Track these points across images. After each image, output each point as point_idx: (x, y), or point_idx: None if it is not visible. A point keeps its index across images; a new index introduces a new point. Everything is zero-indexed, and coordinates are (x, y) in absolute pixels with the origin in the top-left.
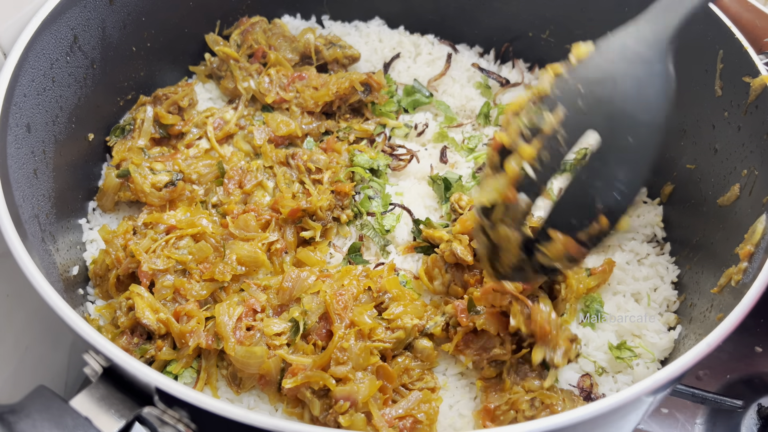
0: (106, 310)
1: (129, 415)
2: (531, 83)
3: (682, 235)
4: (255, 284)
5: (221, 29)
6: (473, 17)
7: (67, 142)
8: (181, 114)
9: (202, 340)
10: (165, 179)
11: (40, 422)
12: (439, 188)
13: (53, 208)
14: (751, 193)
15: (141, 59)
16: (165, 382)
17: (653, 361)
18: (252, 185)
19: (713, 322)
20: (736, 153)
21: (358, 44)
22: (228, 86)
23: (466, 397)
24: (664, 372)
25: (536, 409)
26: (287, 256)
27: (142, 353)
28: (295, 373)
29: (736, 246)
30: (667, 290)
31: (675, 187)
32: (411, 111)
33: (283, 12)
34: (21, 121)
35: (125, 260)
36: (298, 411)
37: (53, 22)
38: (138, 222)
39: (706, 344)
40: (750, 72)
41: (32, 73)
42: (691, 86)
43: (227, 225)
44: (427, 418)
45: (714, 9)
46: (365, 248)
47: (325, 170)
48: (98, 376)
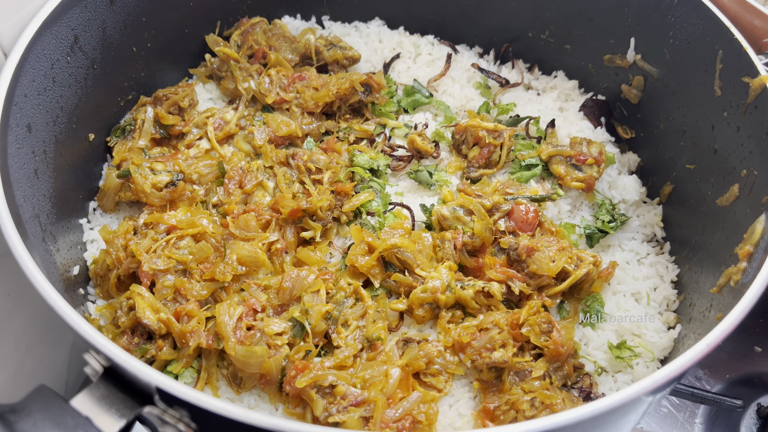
0: (106, 310)
1: (129, 414)
2: (531, 83)
3: (681, 235)
4: (255, 284)
5: (221, 30)
6: (473, 18)
7: (68, 142)
8: (181, 114)
9: (203, 339)
10: (165, 179)
11: (40, 422)
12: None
13: (54, 208)
14: (750, 193)
15: (141, 59)
16: (165, 381)
17: (653, 361)
18: (252, 185)
19: (713, 322)
20: (736, 153)
21: (358, 45)
22: (228, 87)
23: (466, 396)
24: (663, 371)
25: (536, 409)
26: (287, 256)
27: (143, 353)
28: (302, 370)
29: (735, 246)
30: (667, 290)
31: (675, 187)
32: (411, 111)
33: (284, 12)
34: (22, 121)
35: (126, 260)
36: (299, 411)
37: (54, 23)
38: (138, 222)
39: (705, 344)
40: (749, 72)
41: (33, 73)
42: (690, 86)
43: (227, 225)
44: (426, 419)
45: (713, 9)
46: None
47: (325, 170)
48: (99, 376)
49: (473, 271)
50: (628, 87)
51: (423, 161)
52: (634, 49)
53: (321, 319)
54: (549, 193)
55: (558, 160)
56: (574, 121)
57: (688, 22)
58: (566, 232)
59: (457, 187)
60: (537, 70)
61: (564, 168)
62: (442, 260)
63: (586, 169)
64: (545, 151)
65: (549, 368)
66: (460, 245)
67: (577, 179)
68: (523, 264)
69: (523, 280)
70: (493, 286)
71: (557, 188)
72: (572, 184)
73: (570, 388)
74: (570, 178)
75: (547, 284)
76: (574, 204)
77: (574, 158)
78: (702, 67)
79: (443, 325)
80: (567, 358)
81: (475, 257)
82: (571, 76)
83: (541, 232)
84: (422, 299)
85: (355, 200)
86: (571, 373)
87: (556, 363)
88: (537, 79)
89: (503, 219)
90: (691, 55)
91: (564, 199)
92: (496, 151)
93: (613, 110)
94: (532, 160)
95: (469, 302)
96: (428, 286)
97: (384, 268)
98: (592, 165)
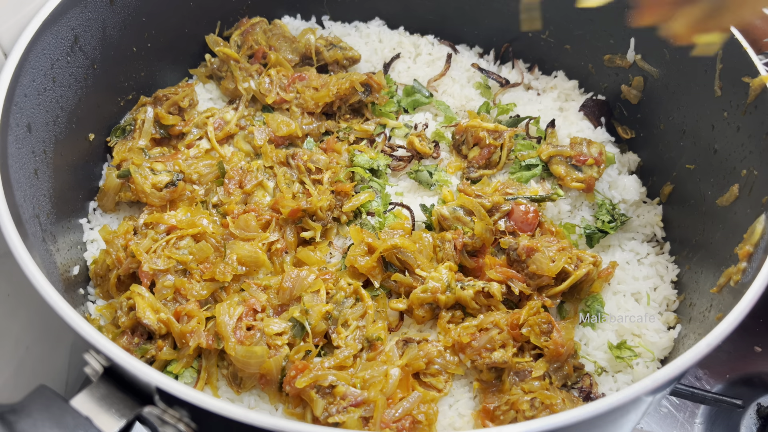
0: (106, 310)
1: (129, 414)
2: (531, 83)
3: (681, 235)
4: (255, 284)
5: (221, 30)
6: (473, 17)
7: (68, 142)
8: (181, 114)
9: (203, 339)
10: (165, 179)
11: (40, 422)
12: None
13: (54, 208)
14: (750, 193)
15: (141, 60)
16: (165, 381)
17: (653, 360)
18: (252, 185)
19: (713, 322)
20: (736, 153)
21: (358, 45)
22: (228, 87)
23: (466, 396)
24: (663, 371)
25: (536, 410)
26: (287, 256)
27: (143, 353)
28: (302, 370)
29: (735, 246)
30: (667, 289)
31: (675, 187)
32: (411, 111)
33: (284, 12)
34: (22, 121)
35: (126, 260)
36: (299, 411)
37: (54, 23)
38: (138, 222)
39: (705, 344)
40: (749, 72)
41: (33, 73)
42: (690, 86)
43: (228, 225)
44: (426, 419)
45: None
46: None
47: (325, 170)
48: (99, 376)
49: (473, 272)
50: (628, 87)
51: (423, 161)
52: (634, 49)
53: (321, 320)
54: (549, 194)
55: (558, 161)
56: (574, 121)
57: None
58: (566, 232)
59: (457, 187)
60: (537, 70)
61: (564, 168)
62: (443, 260)
63: (586, 169)
64: (545, 151)
65: (549, 368)
66: (460, 246)
67: (578, 180)
68: (522, 264)
69: (523, 280)
70: (493, 286)
71: (557, 188)
72: (572, 184)
73: (570, 388)
74: (570, 178)
75: (547, 284)
76: (574, 204)
77: (574, 159)
78: (702, 67)
79: (443, 325)
80: (567, 358)
81: (475, 258)
82: (571, 76)
83: (541, 232)
84: (422, 299)
85: (355, 200)
86: (571, 373)
87: (556, 363)
88: (537, 79)
89: (503, 219)
90: (691, 54)
91: (564, 200)
92: (497, 151)
93: (613, 110)
94: (532, 161)
95: (469, 302)
96: (428, 286)
97: (384, 268)
98: (592, 165)
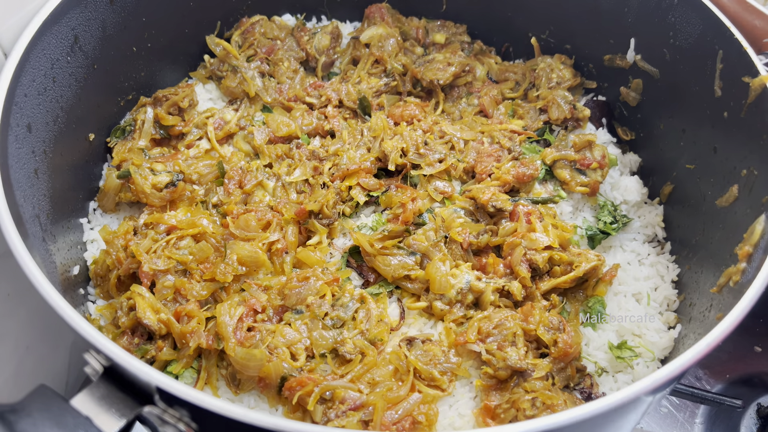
0: (106, 310)
1: (130, 414)
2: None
3: (681, 235)
4: (256, 284)
5: (222, 30)
6: (473, 17)
7: (68, 142)
8: (181, 115)
9: (203, 340)
10: (165, 180)
11: (40, 421)
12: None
13: (54, 208)
14: (750, 193)
15: (141, 60)
16: (166, 381)
17: (653, 360)
18: (252, 185)
19: (713, 322)
20: (736, 153)
21: None
22: (228, 86)
23: (466, 396)
24: (663, 371)
25: (537, 409)
26: (287, 256)
27: (143, 353)
28: (305, 384)
29: (735, 246)
30: (667, 289)
31: (675, 187)
32: None
33: (284, 12)
34: (22, 121)
35: (126, 260)
36: (298, 415)
37: (54, 23)
38: (139, 222)
39: (705, 344)
40: (749, 72)
41: (33, 73)
42: (690, 86)
43: (228, 225)
44: (426, 419)
45: (713, 9)
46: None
47: (326, 161)
48: (99, 376)
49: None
50: (627, 90)
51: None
52: (634, 49)
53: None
54: (552, 195)
55: (562, 165)
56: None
57: (688, 22)
58: (550, 213)
59: (460, 190)
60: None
61: (568, 172)
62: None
63: (590, 173)
64: (550, 155)
65: (552, 369)
66: (466, 245)
67: (582, 184)
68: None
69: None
70: (514, 285)
71: (560, 190)
72: (577, 189)
73: (572, 389)
74: (575, 182)
75: (546, 272)
76: (576, 206)
77: (579, 163)
78: (702, 67)
79: (448, 324)
80: (572, 360)
81: (478, 257)
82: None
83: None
84: (451, 300)
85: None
86: (573, 375)
87: (561, 364)
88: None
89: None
90: (691, 55)
91: (566, 201)
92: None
93: (614, 110)
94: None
95: (487, 301)
96: (454, 283)
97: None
98: (596, 169)
